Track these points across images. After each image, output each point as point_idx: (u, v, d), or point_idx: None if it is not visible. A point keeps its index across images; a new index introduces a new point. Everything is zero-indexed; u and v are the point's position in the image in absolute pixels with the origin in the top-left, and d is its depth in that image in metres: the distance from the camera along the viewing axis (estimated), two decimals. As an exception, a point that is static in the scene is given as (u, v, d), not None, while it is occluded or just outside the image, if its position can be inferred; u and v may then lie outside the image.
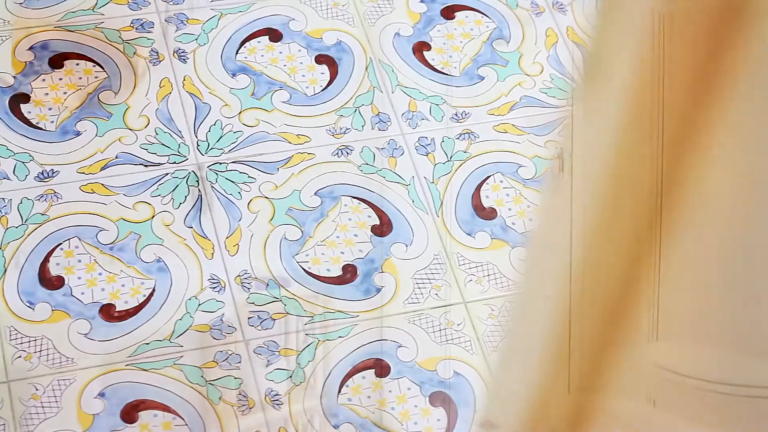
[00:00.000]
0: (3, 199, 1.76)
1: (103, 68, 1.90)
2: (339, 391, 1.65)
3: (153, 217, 1.76)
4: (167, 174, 1.81)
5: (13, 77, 1.88)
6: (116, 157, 1.82)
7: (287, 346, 1.67)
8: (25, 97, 1.86)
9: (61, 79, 1.89)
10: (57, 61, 1.90)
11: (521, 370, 0.80)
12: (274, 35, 1.97)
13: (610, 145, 0.74)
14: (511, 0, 2.05)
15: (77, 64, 1.90)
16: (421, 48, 1.98)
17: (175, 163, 1.82)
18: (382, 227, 1.79)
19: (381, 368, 1.67)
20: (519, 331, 0.81)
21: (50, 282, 1.70)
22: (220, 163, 1.82)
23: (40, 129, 1.83)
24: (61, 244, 1.73)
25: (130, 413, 1.61)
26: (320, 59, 1.95)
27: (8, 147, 1.81)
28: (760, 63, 0.67)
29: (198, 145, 1.84)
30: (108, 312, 1.68)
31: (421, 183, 1.84)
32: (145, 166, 1.81)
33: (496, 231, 1.80)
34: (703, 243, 0.76)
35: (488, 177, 1.85)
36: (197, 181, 1.80)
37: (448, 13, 2.03)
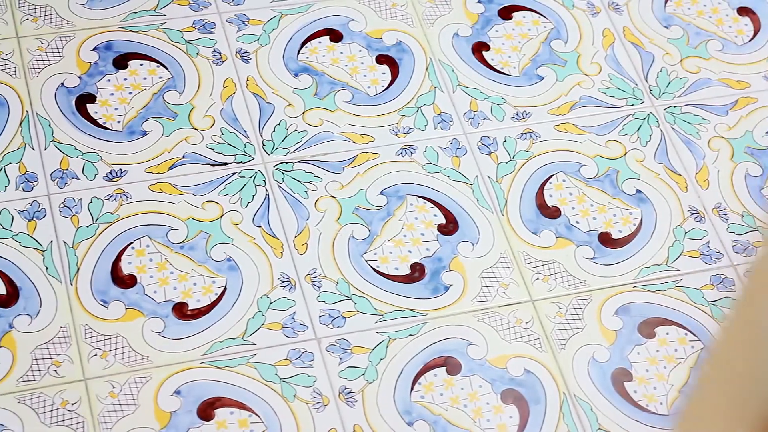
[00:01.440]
0: (73, 198, 1.77)
1: (166, 68, 1.92)
2: (411, 389, 1.66)
3: (222, 216, 1.78)
4: (234, 173, 1.82)
5: (79, 77, 1.89)
6: (183, 157, 1.83)
7: (359, 344, 1.69)
8: (91, 98, 1.87)
9: (125, 79, 1.90)
10: (121, 62, 1.92)
11: None
12: (335, 35, 1.98)
13: None
14: (568, 0, 2.07)
15: (141, 65, 1.92)
16: (480, 48, 2.00)
17: (241, 162, 1.83)
18: (448, 226, 1.80)
19: (452, 366, 1.69)
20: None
21: (123, 281, 1.71)
22: (286, 163, 1.84)
23: (107, 129, 1.85)
24: (132, 243, 1.74)
25: (206, 411, 1.62)
26: (381, 59, 1.97)
27: (76, 147, 1.82)
28: None
29: (263, 145, 1.85)
30: (181, 310, 1.69)
31: (484, 182, 1.85)
32: (212, 165, 1.83)
33: (561, 230, 1.81)
34: None
35: (551, 176, 1.87)
36: (264, 181, 1.81)
37: (506, 13, 2.05)
